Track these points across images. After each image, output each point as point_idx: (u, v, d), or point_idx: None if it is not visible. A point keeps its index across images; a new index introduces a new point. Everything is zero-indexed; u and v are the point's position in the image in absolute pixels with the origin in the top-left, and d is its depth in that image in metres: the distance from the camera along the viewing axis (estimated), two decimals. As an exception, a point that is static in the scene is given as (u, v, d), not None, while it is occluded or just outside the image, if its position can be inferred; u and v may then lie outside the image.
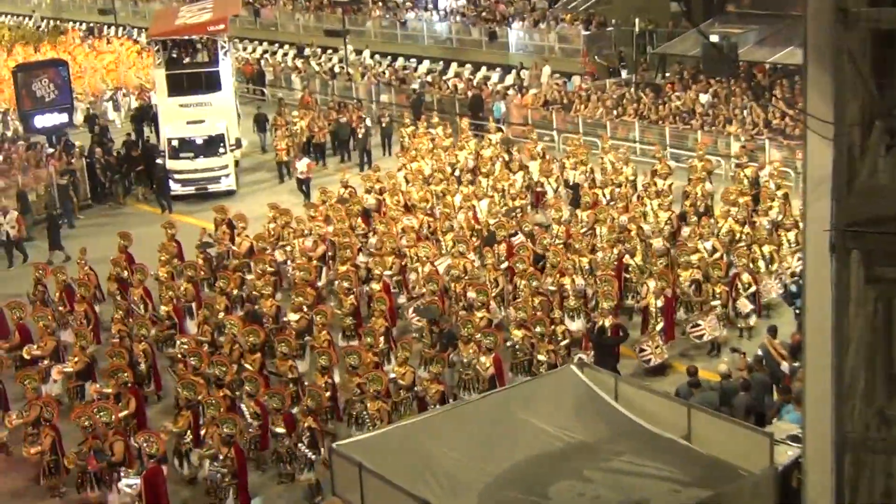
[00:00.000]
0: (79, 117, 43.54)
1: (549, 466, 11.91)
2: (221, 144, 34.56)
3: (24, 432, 18.80)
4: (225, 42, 38.04)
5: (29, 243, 30.65)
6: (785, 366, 18.89)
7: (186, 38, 38.36)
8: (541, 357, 19.91)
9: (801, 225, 17.91)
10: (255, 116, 40.25)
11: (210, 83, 36.34)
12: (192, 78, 36.62)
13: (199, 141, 34.63)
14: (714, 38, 37.94)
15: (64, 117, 40.58)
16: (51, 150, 37.96)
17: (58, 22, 65.58)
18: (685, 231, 25.45)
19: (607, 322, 20.77)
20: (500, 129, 37.47)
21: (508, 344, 20.82)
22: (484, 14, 47.42)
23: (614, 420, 12.92)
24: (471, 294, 22.44)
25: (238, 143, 35.92)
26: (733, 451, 11.96)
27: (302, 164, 33.62)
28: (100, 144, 37.59)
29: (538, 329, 20.36)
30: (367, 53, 49.79)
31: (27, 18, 68.15)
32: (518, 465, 11.96)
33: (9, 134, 41.30)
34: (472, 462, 12.02)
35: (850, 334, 7.00)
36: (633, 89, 39.72)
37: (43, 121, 40.21)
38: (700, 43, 38.01)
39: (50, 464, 18.35)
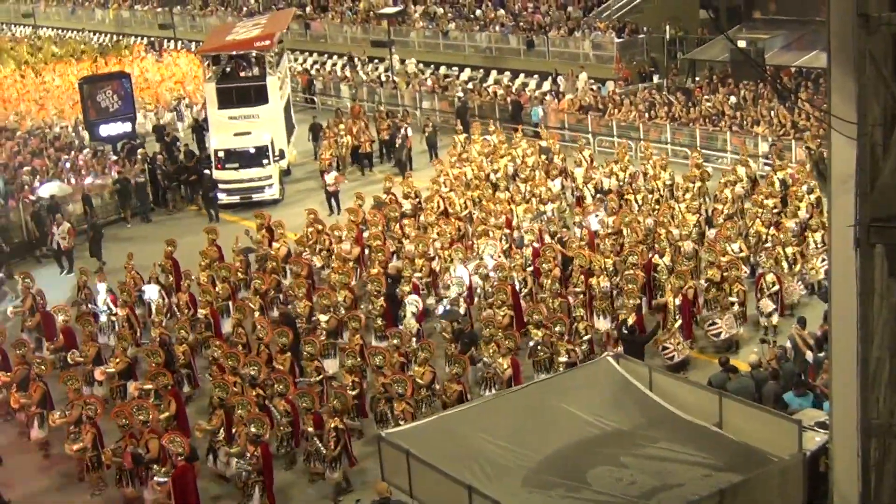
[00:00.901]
0: (147, 126, 43.90)
1: (587, 453, 11.92)
2: (266, 155, 34.53)
3: (67, 430, 18.96)
4: (272, 57, 37.94)
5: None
6: (809, 355, 18.80)
7: (237, 53, 38.35)
8: (561, 358, 19.84)
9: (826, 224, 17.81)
10: (311, 126, 40.22)
11: (258, 96, 36.25)
12: (240, 91, 36.52)
13: (245, 152, 34.61)
14: (741, 44, 37.81)
15: (127, 127, 40.98)
16: (114, 158, 38.35)
17: (120, 37, 66.16)
18: (711, 233, 25.31)
19: (631, 319, 20.81)
20: (537, 134, 37.49)
21: (531, 343, 20.75)
22: (521, 24, 47.35)
23: (649, 408, 12.91)
24: (487, 287, 22.82)
25: (281, 155, 35.73)
26: (763, 437, 11.91)
27: (329, 177, 33.48)
28: (168, 153, 38.03)
29: (557, 328, 20.39)
30: (411, 63, 49.78)
31: (92, 34, 68.70)
32: (557, 451, 11.98)
33: (76, 142, 41.66)
34: (513, 449, 12.05)
35: (875, 326, 6.94)
36: (664, 93, 39.56)
37: (107, 130, 40.63)
38: (728, 48, 38.00)
39: (91, 460, 18.56)
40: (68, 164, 37.58)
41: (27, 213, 32.67)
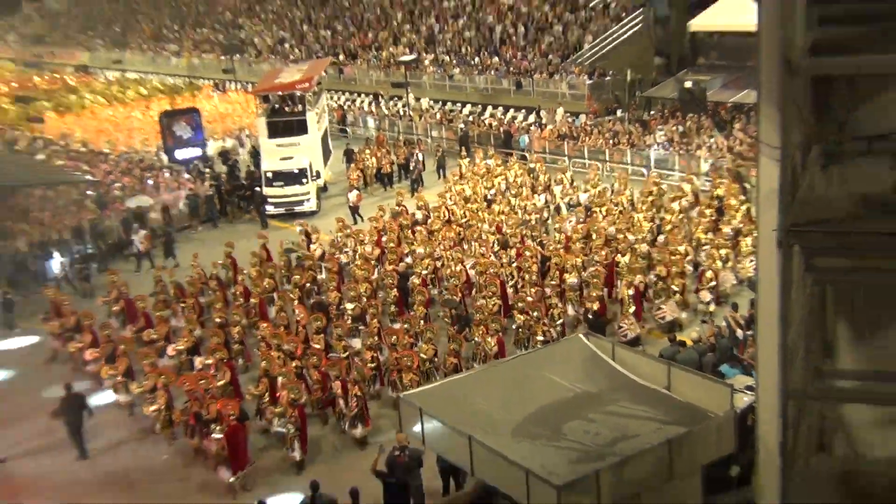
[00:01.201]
0: (212, 151, 43.97)
1: (562, 411, 11.95)
2: (305, 176, 34.62)
3: (145, 396, 19.24)
4: (311, 96, 37.77)
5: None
6: (740, 333, 18.87)
7: (283, 93, 38.07)
8: (539, 337, 20.01)
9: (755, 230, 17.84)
10: (344, 151, 40.41)
11: (299, 128, 36.15)
12: (285, 124, 36.33)
13: (289, 173, 34.67)
14: (688, 84, 37.74)
15: (197, 151, 41.31)
16: (187, 176, 38.47)
17: (192, 79, 66.35)
18: (661, 237, 25.32)
19: (595, 306, 21.07)
20: (525, 157, 37.50)
21: (514, 326, 20.95)
22: (511, 69, 47.38)
23: (612, 376, 12.93)
24: (481, 281, 22.92)
25: (317, 175, 35.67)
26: (703, 398, 11.93)
27: (352, 196, 33.51)
28: (229, 174, 38.15)
29: (535, 314, 20.55)
30: (424, 100, 49.88)
31: (169, 77, 68.91)
32: (539, 409, 12.01)
33: (157, 164, 41.87)
34: (504, 407, 12.10)
35: (793, 310, 6.93)
36: (626, 124, 39.58)
37: (182, 154, 40.95)
38: (677, 88, 38.00)
39: (165, 418, 18.80)
40: (150, 182, 37.76)
41: (118, 221, 32.92)
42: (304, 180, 34.62)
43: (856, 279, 7.78)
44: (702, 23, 39.73)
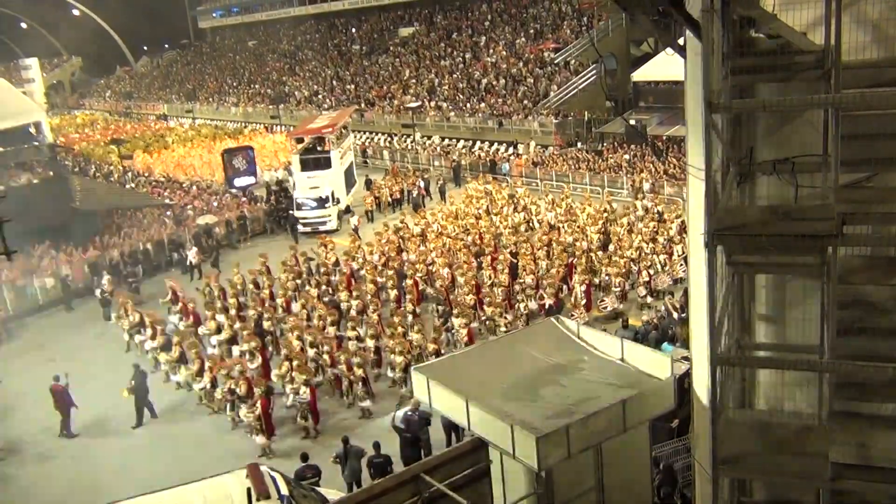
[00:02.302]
0: (267, 179, 43.71)
1: (539, 378, 11.89)
2: (327, 202, 34.30)
3: (193, 375, 19.12)
4: (335, 138, 36.87)
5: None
6: (675, 315, 18.81)
7: (312, 136, 37.13)
8: (500, 329, 19.74)
9: (685, 235, 17.82)
10: (366, 180, 39.94)
11: (325, 163, 35.62)
12: (314, 160, 35.77)
13: (315, 199, 34.35)
14: (632, 122, 37.78)
15: (251, 179, 41.19)
16: (244, 199, 38.43)
17: (246, 123, 66.29)
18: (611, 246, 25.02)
19: (549, 301, 20.95)
20: (506, 181, 37.39)
21: (483, 318, 20.69)
22: (494, 112, 47.39)
23: (578, 350, 12.87)
24: (462, 279, 22.67)
25: (337, 201, 35.06)
26: (648, 366, 11.86)
27: (353, 219, 33.16)
28: (277, 199, 37.52)
29: (498, 309, 20.36)
30: (426, 138, 49.82)
31: (229, 122, 68.94)
32: (521, 377, 11.95)
33: (220, 190, 41.86)
34: (493, 375, 12.02)
35: (718, 296, 6.90)
36: (584, 153, 39.53)
37: (239, 182, 40.86)
38: (623, 125, 38.03)
39: (209, 393, 18.69)
40: (215, 204, 37.71)
41: (191, 234, 32.83)
42: (327, 205, 34.25)
43: (765, 271, 7.77)
44: (642, 74, 39.94)
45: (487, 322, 20.45)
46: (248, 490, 10.17)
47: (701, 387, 8.88)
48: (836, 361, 6.78)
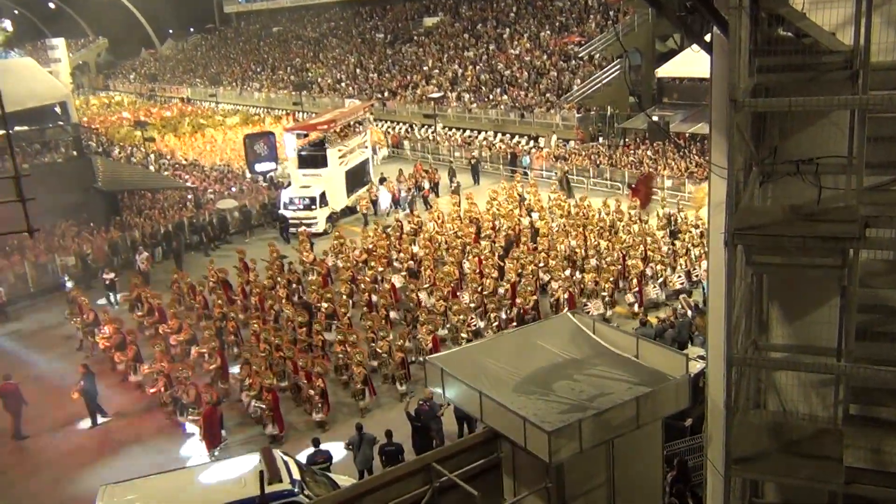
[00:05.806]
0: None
1: (553, 372, 11.88)
2: (315, 203, 31.97)
3: (150, 377, 18.45)
4: (332, 136, 33.81)
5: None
6: (690, 314, 18.78)
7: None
8: (462, 335, 18.85)
9: (704, 238, 17.70)
10: (379, 178, 37.43)
11: (322, 162, 33.21)
12: (311, 158, 33.28)
13: (301, 199, 32.23)
14: (655, 118, 37.50)
15: (272, 165, 41.26)
16: (264, 184, 38.59)
17: (269, 109, 66.39)
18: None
19: (529, 305, 20.22)
20: (526, 174, 37.19)
21: (448, 326, 19.85)
22: (517, 104, 47.19)
23: (593, 345, 12.85)
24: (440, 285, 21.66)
25: (326, 202, 32.58)
26: (664, 365, 11.83)
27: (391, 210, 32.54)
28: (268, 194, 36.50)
29: (461, 317, 19.49)
30: (450, 129, 49.74)
31: (251, 108, 69.14)
32: (535, 371, 11.94)
33: (240, 174, 42.06)
34: (507, 369, 12.02)
35: (736, 295, 6.87)
36: (605, 149, 39.30)
37: (260, 167, 40.96)
38: (646, 121, 37.76)
39: (165, 397, 17.79)
40: (234, 188, 37.89)
41: (213, 217, 32.99)
42: (314, 206, 31.99)
43: (785, 272, 7.72)
44: (666, 70, 39.59)
45: (452, 329, 19.49)
46: (261, 472, 10.29)
47: (716, 386, 8.84)
48: (854, 365, 6.73)
